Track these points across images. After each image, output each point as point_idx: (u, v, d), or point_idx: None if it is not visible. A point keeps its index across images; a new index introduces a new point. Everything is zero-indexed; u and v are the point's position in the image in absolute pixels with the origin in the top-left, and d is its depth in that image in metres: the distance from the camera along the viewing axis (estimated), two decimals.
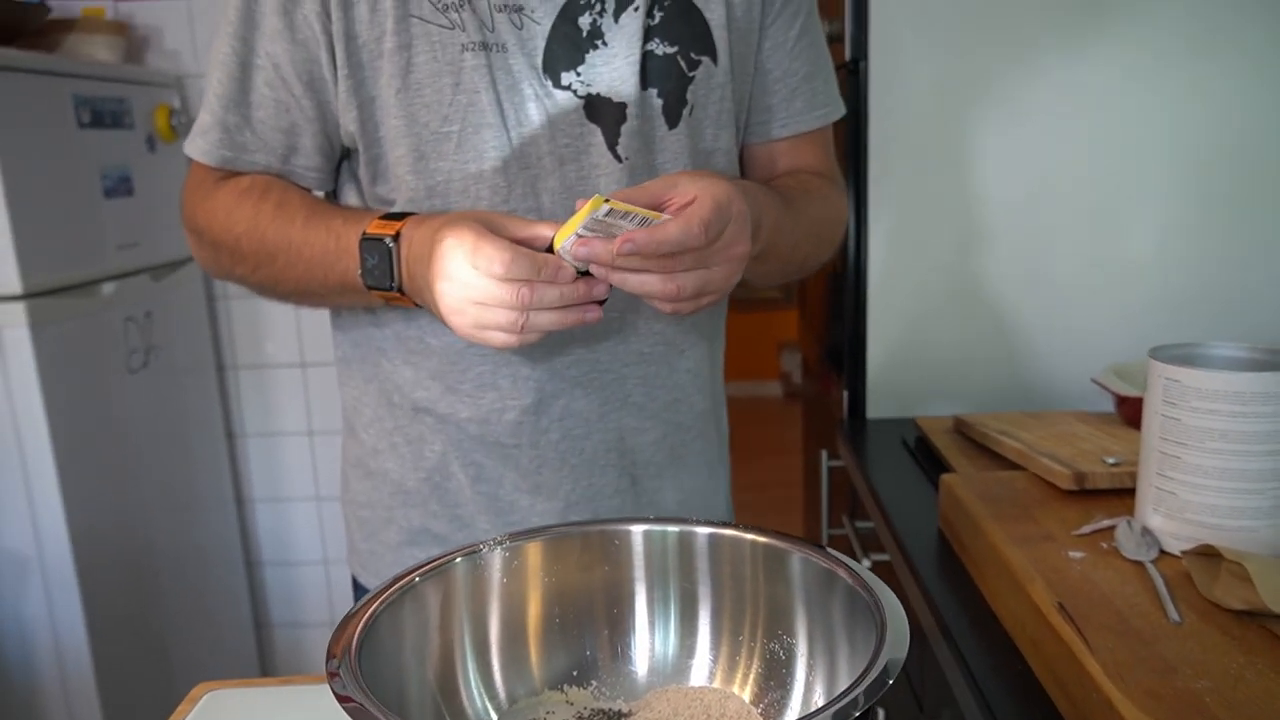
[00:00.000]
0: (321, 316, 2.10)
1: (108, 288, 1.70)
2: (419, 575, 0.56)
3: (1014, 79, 1.26)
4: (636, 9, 0.78)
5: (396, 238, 0.72)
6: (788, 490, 1.02)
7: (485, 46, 0.75)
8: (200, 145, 0.82)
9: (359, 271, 0.74)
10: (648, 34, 0.78)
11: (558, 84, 0.77)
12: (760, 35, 0.86)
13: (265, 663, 2.29)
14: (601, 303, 0.69)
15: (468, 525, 0.86)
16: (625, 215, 0.66)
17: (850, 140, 1.34)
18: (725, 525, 0.59)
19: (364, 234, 0.74)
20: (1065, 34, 1.24)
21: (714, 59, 0.82)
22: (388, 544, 0.89)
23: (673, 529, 0.61)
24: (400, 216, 0.74)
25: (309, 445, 2.19)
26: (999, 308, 1.33)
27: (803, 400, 2.15)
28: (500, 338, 0.67)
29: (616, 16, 0.78)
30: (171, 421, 1.91)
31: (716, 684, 0.59)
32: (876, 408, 1.38)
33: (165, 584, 1.86)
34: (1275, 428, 0.69)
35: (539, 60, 0.77)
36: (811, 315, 2.00)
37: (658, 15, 0.79)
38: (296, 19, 0.76)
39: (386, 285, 0.73)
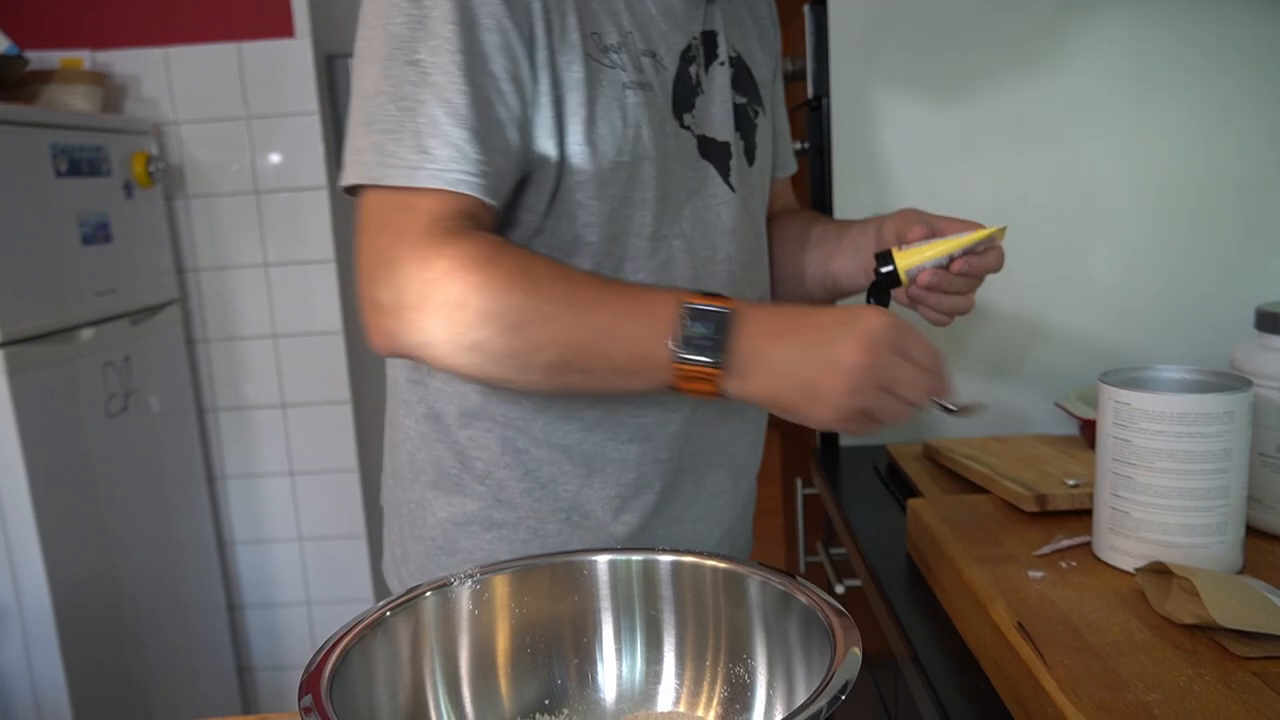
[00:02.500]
0: (300, 358, 2.11)
1: (86, 333, 1.71)
2: (389, 609, 0.57)
3: (971, 110, 1.30)
4: (722, 64, 0.88)
5: (734, 311, 0.69)
6: (768, 520, 1.04)
7: (641, 86, 0.81)
8: (444, 175, 0.70)
9: (671, 339, 0.68)
10: (730, 85, 0.89)
11: (681, 124, 0.85)
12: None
13: (248, 706, 2.27)
14: None
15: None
16: (987, 242, 0.86)
17: (815, 175, 1.37)
18: (686, 553, 0.61)
19: (685, 303, 0.69)
20: (1021, 65, 1.28)
21: (763, 110, 0.95)
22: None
23: (636, 558, 0.62)
24: (711, 295, 0.71)
25: (290, 486, 2.19)
26: (965, 334, 1.36)
27: (780, 430, 2.17)
28: (873, 427, 0.70)
29: (707, 69, 0.87)
30: (152, 465, 1.91)
31: (683, 708, 0.61)
32: (849, 436, 1.40)
33: (146, 629, 1.84)
34: (1220, 447, 0.72)
35: (670, 101, 0.84)
36: None
37: (731, 71, 0.90)
38: (512, 37, 0.73)
39: (711, 357, 0.67)
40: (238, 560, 2.22)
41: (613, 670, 0.62)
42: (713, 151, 0.87)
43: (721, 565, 0.60)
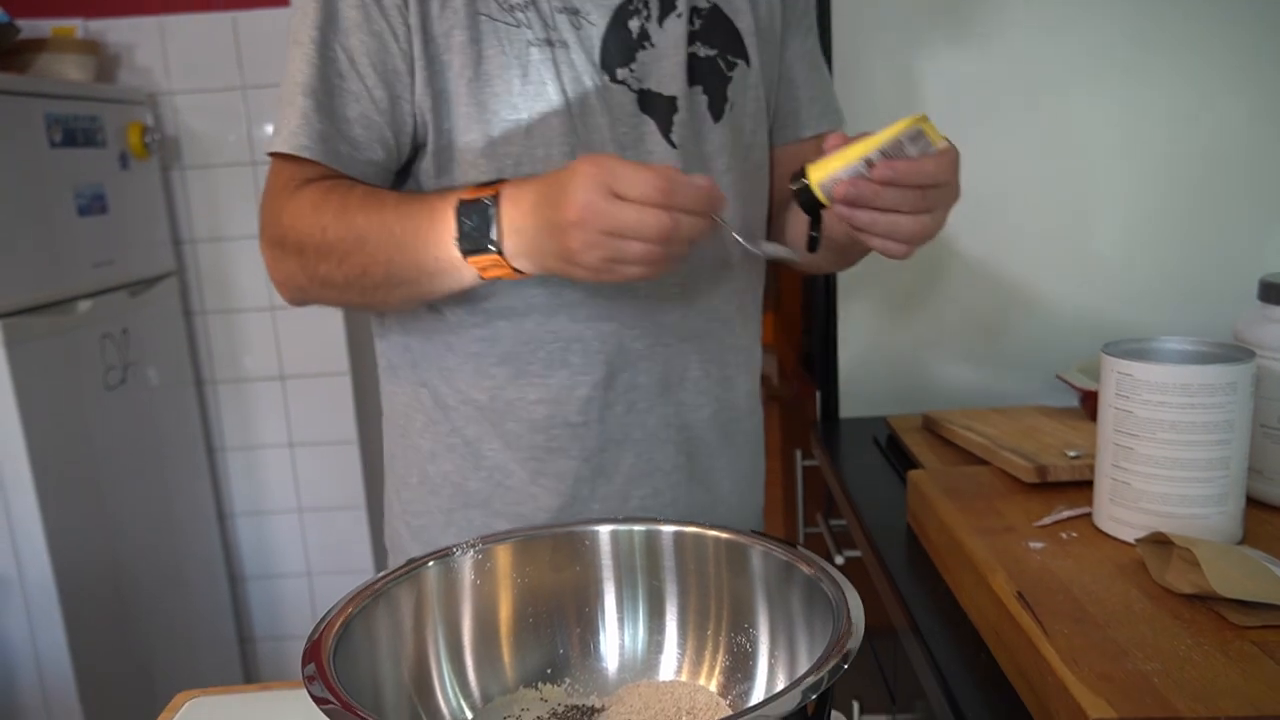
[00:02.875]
0: (299, 330, 2.11)
1: (84, 305, 1.70)
2: (391, 580, 0.57)
3: (975, 79, 1.28)
4: (679, 15, 0.85)
5: (496, 198, 0.73)
6: (769, 490, 1.04)
7: (549, 43, 0.81)
8: (288, 141, 0.81)
9: (454, 238, 0.74)
10: (690, 39, 0.86)
11: (614, 79, 0.83)
12: (782, 45, 0.95)
13: (250, 676, 2.28)
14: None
15: (528, 521, 0.88)
16: (918, 140, 0.70)
17: None
18: (689, 523, 0.61)
19: (460, 200, 0.74)
20: (1022, 34, 1.27)
21: (747, 62, 0.90)
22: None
23: (639, 528, 0.62)
24: (494, 184, 0.75)
25: (290, 458, 2.19)
26: (967, 307, 1.35)
27: (779, 403, 2.18)
28: (633, 271, 0.68)
29: (661, 22, 0.85)
30: (151, 437, 1.91)
31: (685, 677, 0.61)
32: (849, 408, 1.40)
33: (148, 600, 1.85)
34: (1222, 418, 0.72)
35: (596, 57, 0.82)
36: (786, 319, 2.03)
37: (697, 22, 0.87)
38: (373, 12, 0.79)
39: (485, 247, 0.73)
40: (238, 532, 2.23)
41: (615, 640, 0.63)
42: (656, 106, 0.85)
43: (724, 536, 0.60)
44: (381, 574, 0.58)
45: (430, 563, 0.59)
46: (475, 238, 0.73)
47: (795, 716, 0.43)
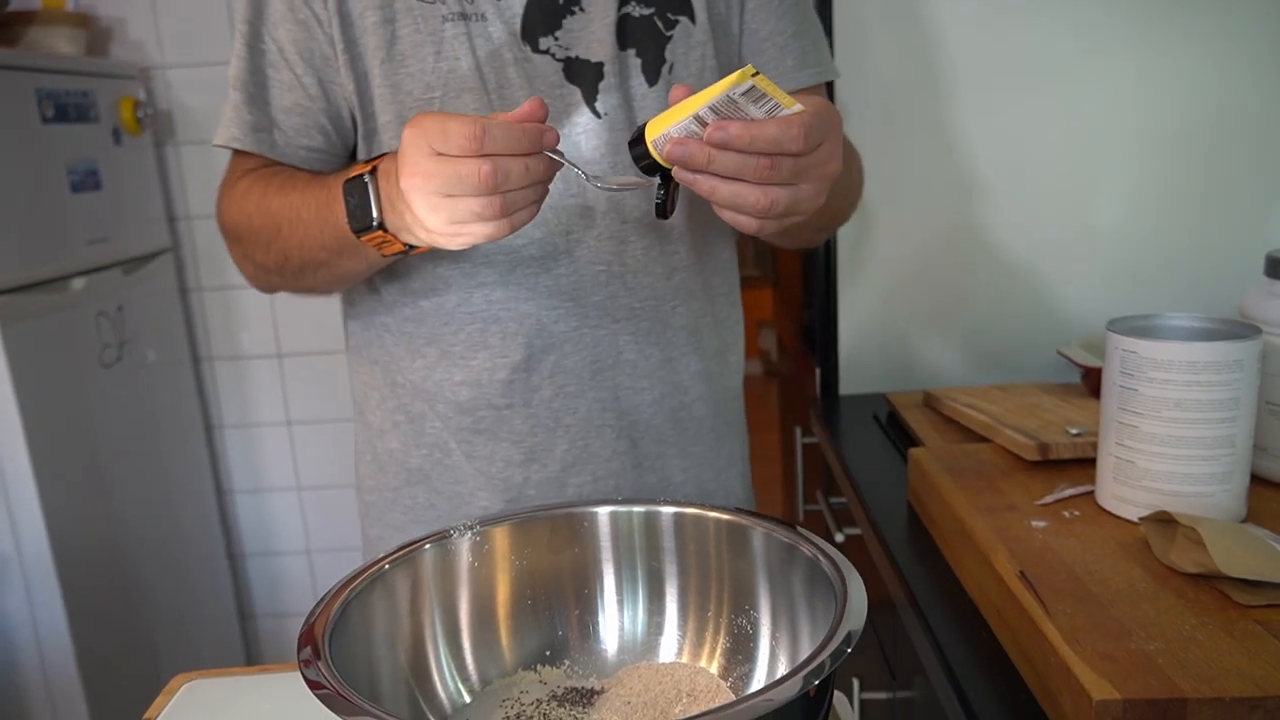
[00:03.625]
0: (296, 307, 2.09)
1: (78, 283, 1.69)
2: (388, 562, 0.57)
3: (981, 51, 1.27)
4: None
5: (373, 172, 0.72)
6: (768, 467, 1.03)
7: (464, 16, 0.79)
8: (222, 134, 0.84)
9: (345, 218, 0.73)
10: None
11: (536, 49, 0.81)
12: None
13: (251, 653, 2.29)
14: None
15: (467, 502, 0.87)
16: (761, 100, 0.62)
17: None
18: (689, 504, 0.61)
19: (345, 178, 0.73)
20: (1030, 6, 1.25)
21: (691, 18, 0.84)
22: (394, 526, 0.91)
23: (638, 509, 0.62)
24: (377, 158, 0.74)
25: (288, 435, 2.19)
26: (968, 282, 1.34)
27: (779, 379, 2.17)
28: (484, 229, 0.64)
29: None
30: (148, 415, 1.91)
31: (685, 659, 0.61)
32: (849, 384, 1.39)
33: (147, 578, 1.86)
34: (1227, 396, 0.71)
35: (517, 27, 0.80)
36: (786, 294, 2.01)
37: None
38: (296, 1, 0.80)
39: (369, 224, 0.72)
40: (237, 509, 2.23)
41: (614, 622, 0.62)
42: (582, 74, 0.82)
43: (724, 517, 0.59)
44: (378, 557, 0.57)
45: (427, 545, 0.59)
46: (360, 215, 0.72)
47: (797, 701, 0.42)
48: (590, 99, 0.82)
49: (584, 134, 0.82)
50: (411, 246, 0.73)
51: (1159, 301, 1.28)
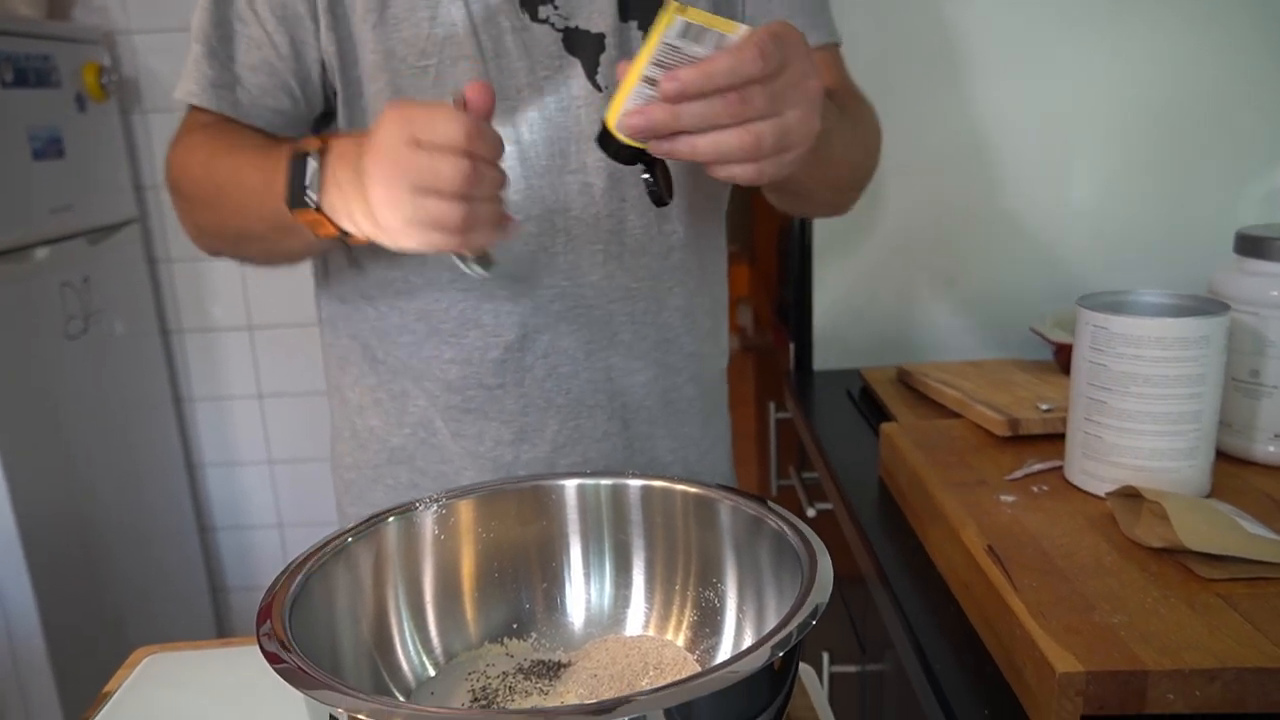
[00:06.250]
0: (268, 279, 2.06)
1: (41, 253, 1.65)
2: (351, 535, 0.56)
3: (956, 29, 1.26)
4: None
5: (324, 149, 0.67)
6: (742, 443, 1.03)
7: None
8: (182, 87, 0.81)
9: (284, 194, 0.68)
10: None
11: (535, 17, 0.77)
12: None
13: (223, 626, 2.28)
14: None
15: (452, 482, 0.86)
16: (703, 35, 0.57)
17: None
18: (656, 477, 0.60)
19: (294, 150, 0.69)
20: None
21: None
22: (375, 505, 0.88)
23: (605, 482, 0.61)
24: (334, 133, 0.71)
25: (259, 409, 2.17)
26: (942, 259, 1.34)
27: (754, 354, 2.17)
28: (436, 238, 0.59)
29: None
30: (115, 388, 1.88)
31: (652, 632, 0.60)
32: (823, 360, 1.39)
33: (117, 553, 1.84)
34: (1195, 371, 0.71)
35: None
36: (762, 270, 2.01)
37: None
38: None
39: (305, 202, 0.66)
40: (207, 483, 2.21)
41: (581, 595, 0.62)
42: (582, 45, 0.78)
43: (692, 490, 0.59)
44: (339, 530, 0.56)
45: (390, 518, 0.58)
46: (299, 191, 0.67)
47: (763, 672, 0.42)
48: (591, 71, 0.79)
49: (584, 107, 0.79)
50: (348, 234, 0.68)
51: (1132, 279, 1.28)
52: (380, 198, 0.59)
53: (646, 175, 0.63)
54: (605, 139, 0.61)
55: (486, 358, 0.82)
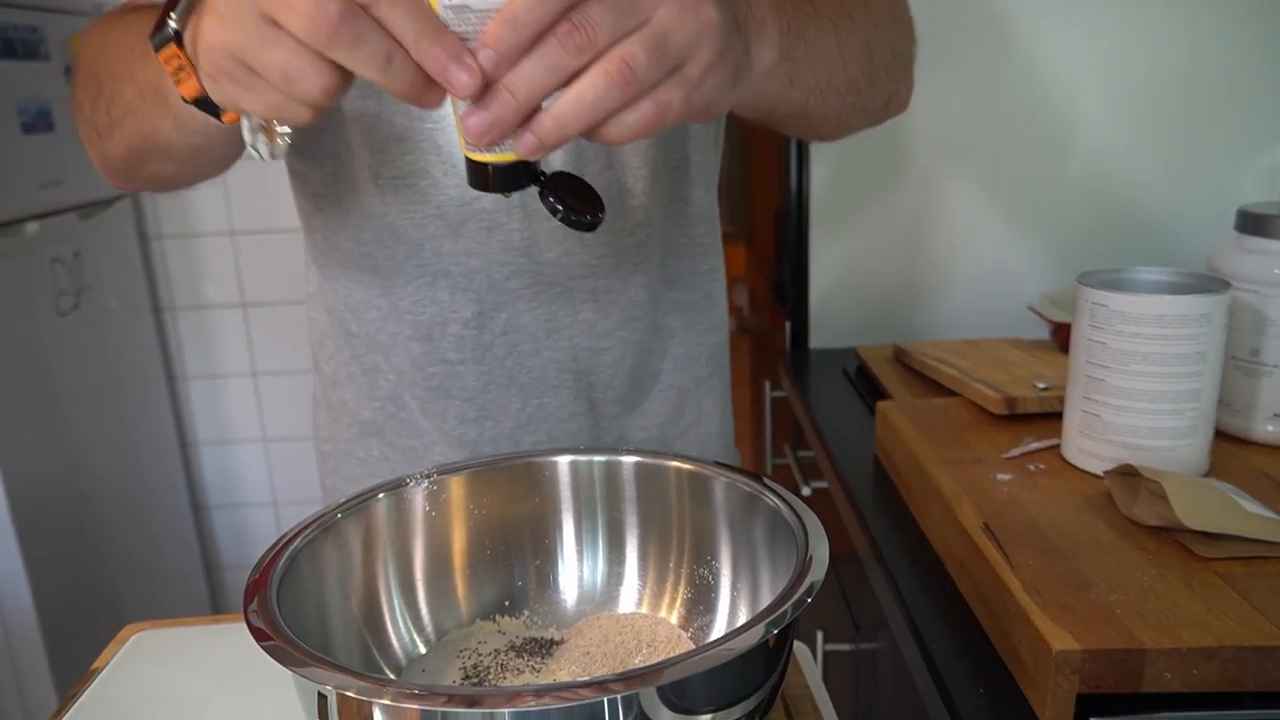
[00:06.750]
0: (261, 256, 2.05)
1: (31, 227, 1.64)
2: (340, 511, 0.55)
3: (951, 6, 1.24)
4: None
5: None
6: (738, 422, 1.03)
7: None
8: None
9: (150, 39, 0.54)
10: None
11: None
12: None
13: (217, 604, 2.28)
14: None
15: (422, 456, 0.85)
16: None
17: None
18: (650, 454, 0.59)
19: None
20: None
21: None
22: (350, 478, 0.89)
23: (599, 459, 0.60)
24: None
25: (253, 386, 2.16)
26: (938, 238, 1.33)
27: (750, 334, 2.16)
28: (258, 98, 0.45)
29: None
30: (108, 365, 1.86)
31: (645, 610, 0.60)
32: (819, 338, 1.38)
33: (111, 531, 1.83)
34: (1195, 350, 0.71)
35: None
36: (760, 251, 2.00)
37: None
38: None
39: (168, 34, 0.52)
40: (201, 461, 2.20)
41: (574, 572, 0.61)
42: None
43: (686, 467, 0.58)
44: (328, 506, 0.56)
45: (381, 494, 0.57)
46: (164, 35, 0.53)
47: (757, 650, 0.42)
48: None
49: None
50: (209, 100, 0.52)
51: (1131, 257, 1.28)
52: (213, 29, 0.46)
53: (545, 196, 0.48)
54: (476, 172, 0.47)
55: (446, 333, 0.81)
